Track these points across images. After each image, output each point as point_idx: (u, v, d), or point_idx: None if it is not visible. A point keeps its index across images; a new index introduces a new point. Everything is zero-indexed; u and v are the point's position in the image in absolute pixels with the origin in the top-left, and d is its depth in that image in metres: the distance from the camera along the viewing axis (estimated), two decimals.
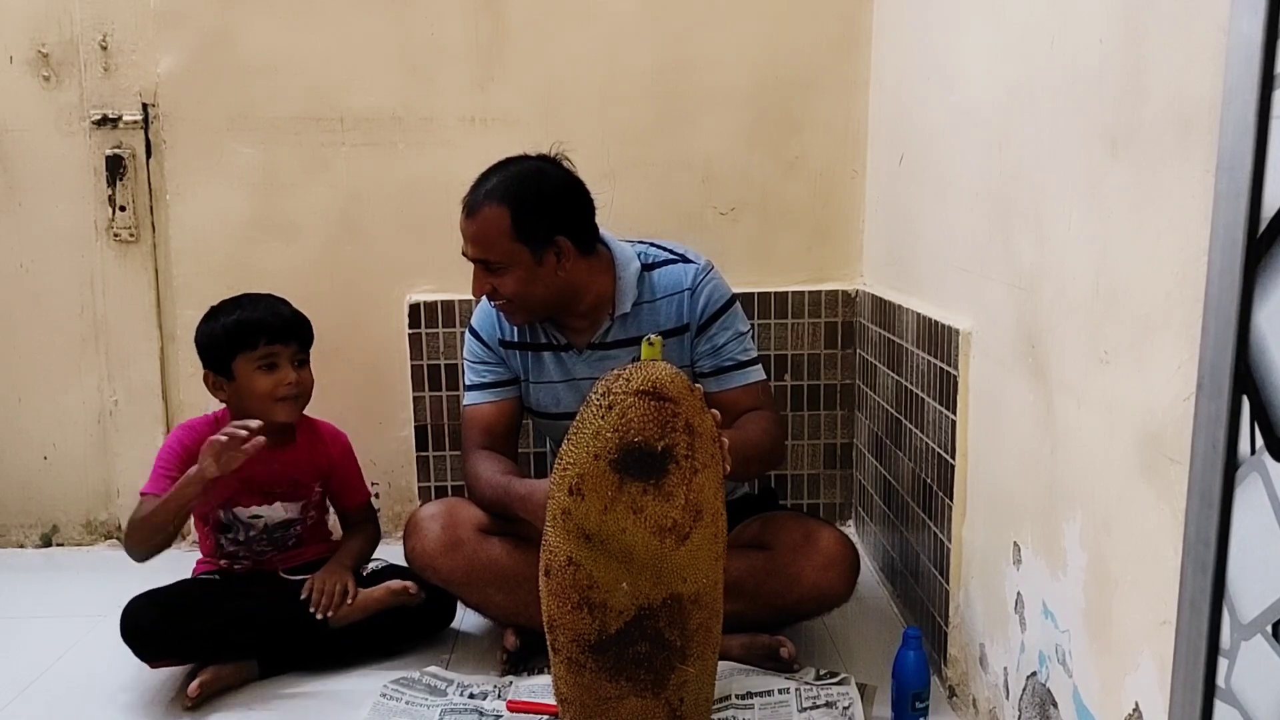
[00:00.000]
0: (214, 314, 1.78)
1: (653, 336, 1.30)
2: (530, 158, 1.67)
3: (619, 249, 1.73)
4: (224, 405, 1.79)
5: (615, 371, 1.20)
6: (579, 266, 1.65)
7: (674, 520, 1.16)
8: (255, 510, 1.79)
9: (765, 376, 1.76)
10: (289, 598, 1.70)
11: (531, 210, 1.60)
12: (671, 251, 1.76)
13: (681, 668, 1.22)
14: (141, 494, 1.73)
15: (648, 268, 1.73)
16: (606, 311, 1.70)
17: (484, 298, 1.69)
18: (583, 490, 1.16)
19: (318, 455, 1.85)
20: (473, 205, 1.62)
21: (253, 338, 1.72)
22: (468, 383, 1.78)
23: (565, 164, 1.68)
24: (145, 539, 1.66)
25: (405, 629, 1.75)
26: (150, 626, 1.60)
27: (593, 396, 1.19)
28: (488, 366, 1.76)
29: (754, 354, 1.74)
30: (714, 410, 1.26)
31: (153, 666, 1.63)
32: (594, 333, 1.71)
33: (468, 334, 1.80)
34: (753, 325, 1.85)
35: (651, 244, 1.77)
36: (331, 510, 1.94)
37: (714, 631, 1.27)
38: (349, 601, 1.69)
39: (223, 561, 1.80)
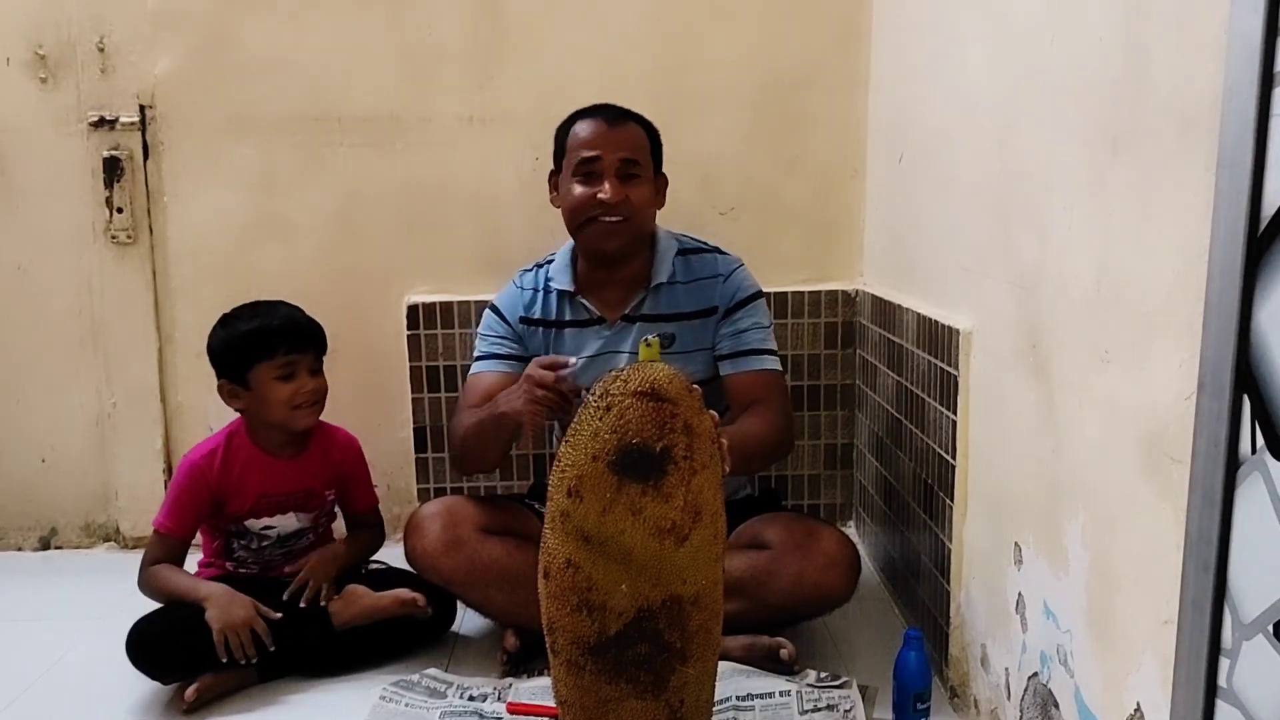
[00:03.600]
0: (229, 321, 1.76)
1: (650, 337, 1.30)
2: None
3: (658, 228, 1.82)
4: (238, 415, 1.79)
5: (613, 373, 1.19)
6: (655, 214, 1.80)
7: (673, 521, 1.15)
8: (268, 522, 1.78)
9: (782, 370, 1.79)
10: (293, 604, 1.70)
11: (658, 139, 1.78)
12: (705, 244, 1.85)
13: (681, 669, 1.22)
14: (155, 526, 1.74)
15: (684, 252, 1.81)
16: (642, 283, 1.77)
17: (517, 278, 1.85)
18: (581, 492, 1.15)
19: (332, 462, 1.84)
20: (618, 115, 1.74)
21: (271, 347, 1.71)
22: (477, 353, 1.83)
23: None
24: (156, 599, 1.69)
25: (406, 633, 1.74)
26: (158, 647, 1.59)
27: (590, 398, 1.18)
28: (502, 341, 1.81)
29: (773, 347, 1.78)
30: (712, 411, 1.25)
31: (164, 683, 1.62)
32: (627, 305, 1.77)
33: (487, 310, 1.85)
34: None
35: (683, 234, 1.86)
36: (339, 515, 1.94)
37: (714, 633, 1.26)
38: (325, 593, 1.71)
39: (228, 565, 1.79)
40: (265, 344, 1.71)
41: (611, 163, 1.68)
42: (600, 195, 1.67)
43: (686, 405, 1.17)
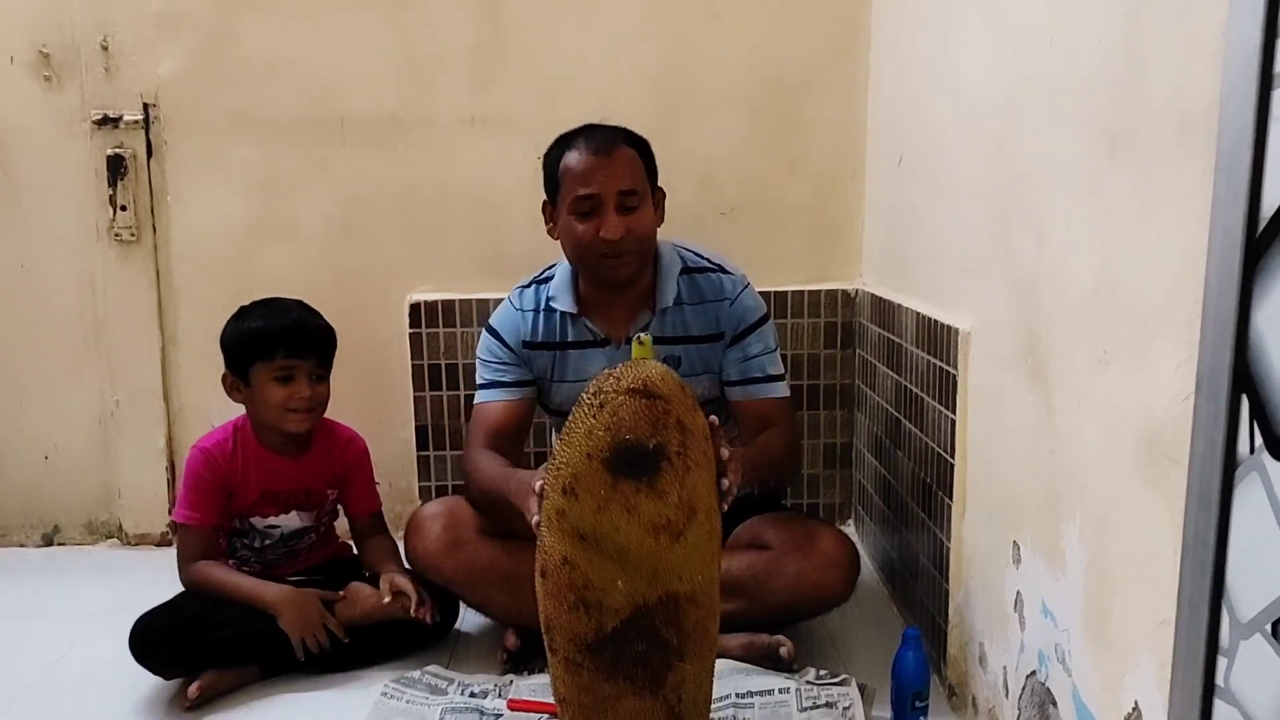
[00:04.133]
0: (242, 315, 1.76)
1: (642, 335, 1.29)
2: None
3: (660, 243, 1.75)
4: (242, 409, 1.79)
5: (606, 371, 1.20)
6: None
7: (668, 518, 1.15)
8: (272, 520, 1.79)
9: (789, 395, 1.76)
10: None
11: (650, 155, 1.70)
12: (709, 260, 1.79)
13: (679, 666, 1.22)
14: (178, 520, 1.74)
15: (688, 270, 1.75)
16: (647, 303, 1.73)
17: (514, 297, 1.77)
18: (576, 490, 1.15)
19: (333, 461, 1.84)
20: (607, 142, 1.64)
21: (272, 348, 1.71)
22: (481, 381, 1.77)
23: None
24: (203, 593, 1.69)
25: (408, 633, 1.73)
26: (163, 643, 1.59)
27: (584, 396, 1.19)
28: (506, 367, 1.75)
29: (780, 370, 1.75)
30: (714, 417, 1.25)
31: (167, 679, 1.62)
32: (632, 326, 1.73)
33: (485, 333, 1.78)
34: None
35: (685, 247, 1.80)
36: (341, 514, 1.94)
37: (711, 630, 1.27)
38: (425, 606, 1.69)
39: (231, 563, 1.80)
40: (267, 345, 1.71)
41: (610, 197, 1.61)
42: (603, 234, 1.61)
43: (679, 403, 1.18)
